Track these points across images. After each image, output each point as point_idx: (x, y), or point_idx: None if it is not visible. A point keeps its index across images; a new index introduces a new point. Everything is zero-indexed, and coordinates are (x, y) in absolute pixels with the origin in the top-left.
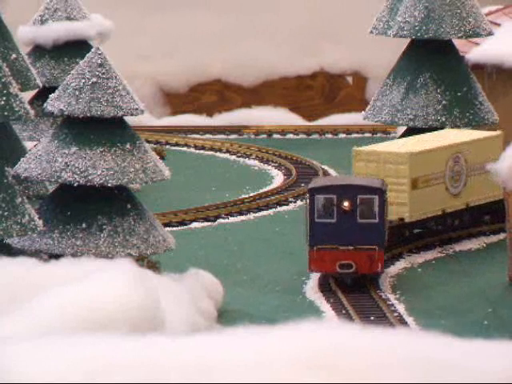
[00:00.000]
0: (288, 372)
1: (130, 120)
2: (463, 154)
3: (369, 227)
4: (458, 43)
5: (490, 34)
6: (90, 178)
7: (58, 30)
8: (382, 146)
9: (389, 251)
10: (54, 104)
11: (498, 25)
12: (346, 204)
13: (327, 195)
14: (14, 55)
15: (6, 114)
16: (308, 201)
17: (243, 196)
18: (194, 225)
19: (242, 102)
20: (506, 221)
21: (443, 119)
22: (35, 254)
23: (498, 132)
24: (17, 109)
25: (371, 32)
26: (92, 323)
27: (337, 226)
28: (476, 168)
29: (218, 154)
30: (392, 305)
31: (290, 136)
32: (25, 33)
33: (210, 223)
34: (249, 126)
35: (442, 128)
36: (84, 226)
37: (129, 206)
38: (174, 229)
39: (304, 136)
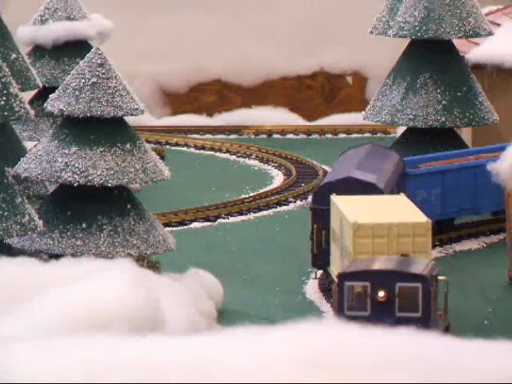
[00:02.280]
0: (288, 372)
1: (130, 120)
2: None
3: (410, 323)
4: (458, 43)
5: (490, 34)
6: (90, 178)
7: (57, 30)
8: (381, 217)
9: None
10: (54, 104)
11: (498, 25)
12: (381, 294)
13: (360, 282)
14: (14, 55)
15: (6, 114)
16: (336, 289)
17: (243, 196)
18: (194, 225)
19: (242, 102)
20: (507, 221)
21: (443, 119)
22: (35, 253)
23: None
24: (17, 109)
25: (371, 32)
26: (92, 323)
27: (370, 321)
28: None
29: (217, 154)
30: None
31: (290, 136)
32: (25, 33)
33: (210, 223)
34: (249, 126)
35: (442, 128)
36: (84, 225)
37: (129, 206)
38: (174, 229)
39: (304, 136)
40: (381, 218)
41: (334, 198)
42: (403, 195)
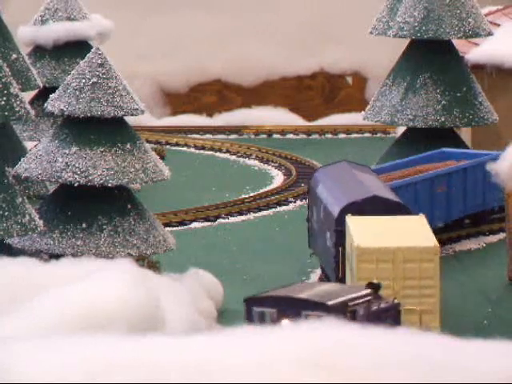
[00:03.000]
0: (288, 372)
1: (130, 120)
2: None
3: None
4: (458, 43)
5: (490, 34)
6: (90, 178)
7: (58, 31)
8: (386, 241)
9: None
10: (54, 104)
11: (498, 25)
12: (285, 322)
13: (266, 309)
14: (14, 55)
15: (6, 114)
16: (245, 314)
17: (243, 196)
18: (194, 225)
19: (242, 102)
20: (506, 221)
21: (443, 119)
22: (35, 253)
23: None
24: (17, 109)
25: (371, 32)
26: (92, 323)
27: None
28: None
29: (217, 154)
30: None
31: (290, 136)
32: (25, 33)
33: (210, 223)
34: (249, 126)
35: (441, 128)
36: (84, 225)
37: (129, 206)
38: (174, 229)
39: (304, 136)
40: (387, 242)
41: (349, 219)
42: (423, 216)
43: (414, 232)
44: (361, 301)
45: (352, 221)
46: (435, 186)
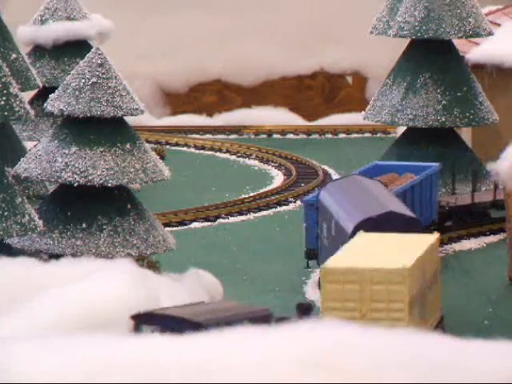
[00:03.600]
0: (288, 372)
1: (130, 120)
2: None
3: None
4: (458, 43)
5: (490, 33)
6: (90, 177)
7: (57, 30)
8: (355, 261)
9: None
10: (54, 104)
11: (498, 25)
12: None
13: (152, 325)
14: (14, 55)
15: (6, 114)
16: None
17: (243, 196)
18: (194, 225)
19: (242, 102)
20: (507, 221)
21: (443, 119)
22: (35, 254)
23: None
24: (17, 109)
25: (371, 32)
26: (92, 323)
27: None
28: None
29: (217, 154)
30: None
31: (290, 136)
32: (25, 33)
33: (210, 223)
34: (249, 126)
35: (442, 128)
36: (84, 225)
37: (129, 206)
38: (174, 229)
39: (304, 136)
40: (359, 262)
41: (358, 235)
42: (436, 235)
43: (399, 252)
44: (235, 319)
45: (356, 238)
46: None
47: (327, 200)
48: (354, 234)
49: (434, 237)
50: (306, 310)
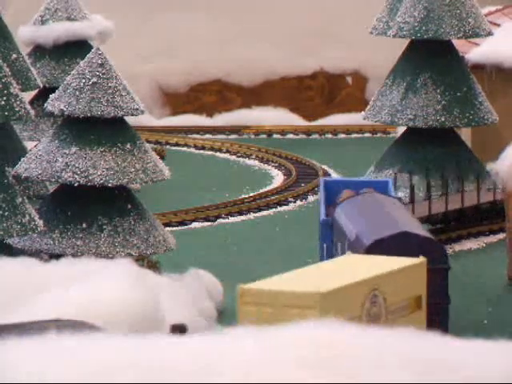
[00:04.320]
0: (288, 372)
1: (130, 120)
2: (381, 292)
3: None
4: (458, 43)
5: (490, 34)
6: (90, 177)
7: (58, 30)
8: (277, 283)
9: None
10: (54, 104)
11: (498, 25)
12: None
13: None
14: (14, 55)
15: (6, 114)
16: None
17: (243, 196)
18: (194, 225)
19: (242, 102)
20: (506, 221)
21: (443, 119)
22: (35, 253)
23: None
24: (17, 109)
25: (371, 32)
26: (92, 323)
27: None
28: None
29: (217, 153)
30: None
31: (290, 136)
32: (25, 33)
33: (210, 223)
34: (249, 126)
35: (442, 128)
36: (84, 225)
37: (129, 206)
38: (174, 229)
39: (304, 136)
40: (280, 285)
41: (342, 256)
42: (422, 259)
43: (344, 276)
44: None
45: (334, 259)
46: None
47: (342, 219)
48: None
49: (414, 261)
50: (179, 331)
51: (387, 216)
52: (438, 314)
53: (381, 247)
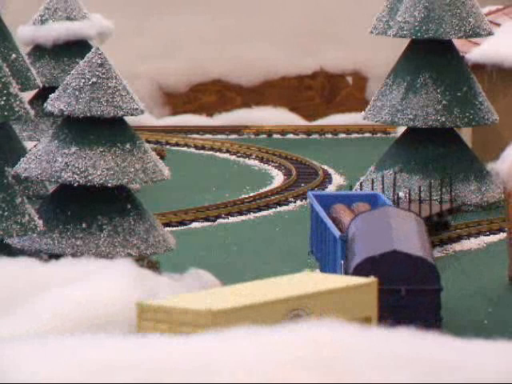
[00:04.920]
0: (288, 372)
1: (130, 120)
2: (307, 312)
3: None
4: (458, 43)
5: (490, 33)
6: (89, 178)
7: (57, 30)
8: (177, 301)
9: None
10: (53, 104)
11: (498, 25)
12: None
13: None
14: (13, 55)
15: (5, 114)
16: None
17: (243, 196)
18: (194, 225)
19: (242, 101)
20: (507, 221)
21: (443, 119)
22: (35, 253)
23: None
24: (17, 109)
25: (371, 32)
26: (92, 323)
27: None
28: None
29: (217, 153)
30: None
31: (290, 136)
32: (25, 33)
33: (210, 223)
34: (249, 125)
35: (442, 128)
36: (84, 225)
37: (129, 206)
38: (174, 229)
39: (304, 136)
40: (179, 302)
41: (308, 272)
42: (373, 281)
43: (257, 294)
44: None
45: (300, 275)
46: None
47: (353, 234)
48: (356, 275)
49: (363, 281)
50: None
51: (389, 233)
52: None
53: (370, 266)
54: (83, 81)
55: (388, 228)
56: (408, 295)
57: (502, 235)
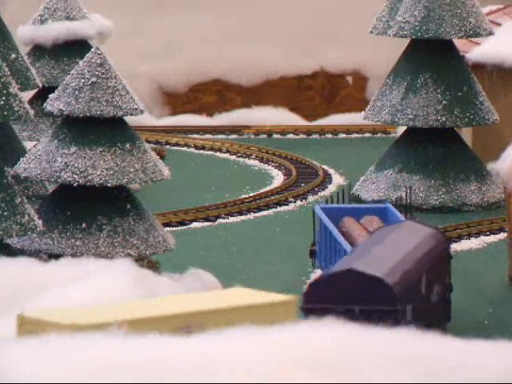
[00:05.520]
0: (287, 372)
1: (130, 120)
2: (200, 329)
3: None
4: (459, 43)
5: (491, 33)
6: (89, 178)
7: (57, 30)
8: (56, 313)
9: None
10: (53, 104)
11: (499, 24)
12: None
13: None
14: (13, 55)
15: (5, 113)
16: None
17: (243, 196)
18: (194, 225)
19: (242, 102)
20: (507, 220)
21: (443, 119)
22: (35, 254)
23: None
24: (16, 109)
25: (371, 32)
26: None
27: None
28: None
29: (217, 153)
30: None
31: (290, 136)
32: (24, 32)
33: (210, 223)
34: (249, 126)
35: (442, 128)
36: (84, 226)
37: (129, 206)
38: (174, 229)
39: (304, 136)
40: (55, 315)
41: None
42: (293, 302)
43: (150, 309)
44: None
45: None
46: None
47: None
48: (308, 293)
49: (280, 298)
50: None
51: (369, 250)
52: None
53: (325, 284)
54: (83, 81)
55: (377, 245)
56: (362, 315)
57: (503, 235)
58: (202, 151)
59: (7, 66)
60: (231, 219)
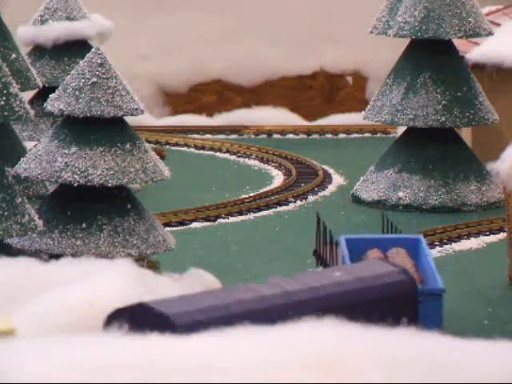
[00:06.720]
0: (287, 372)
1: (130, 120)
2: None
3: None
4: (458, 43)
5: (490, 33)
6: (89, 177)
7: (57, 30)
8: None
9: None
10: (53, 104)
11: (499, 25)
12: None
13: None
14: (13, 55)
15: (5, 113)
16: None
17: (243, 196)
18: (194, 225)
19: (242, 102)
20: (507, 221)
21: (443, 119)
22: (35, 253)
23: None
24: (17, 109)
25: (371, 32)
26: (92, 323)
27: None
28: None
29: (217, 153)
30: None
31: (290, 136)
32: (25, 33)
33: (210, 223)
34: (249, 125)
35: (442, 128)
36: (84, 225)
37: (129, 206)
38: (174, 229)
39: (304, 136)
40: None
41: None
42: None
43: None
44: None
45: None
46: None
47: None
48: (108, 323)
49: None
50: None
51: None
52: None
53: (122, 318)
54: (83, 81)
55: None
56: None
57: (502, 235)
58: (202, 151)
59: (7, 66)
60: (231, 219)
